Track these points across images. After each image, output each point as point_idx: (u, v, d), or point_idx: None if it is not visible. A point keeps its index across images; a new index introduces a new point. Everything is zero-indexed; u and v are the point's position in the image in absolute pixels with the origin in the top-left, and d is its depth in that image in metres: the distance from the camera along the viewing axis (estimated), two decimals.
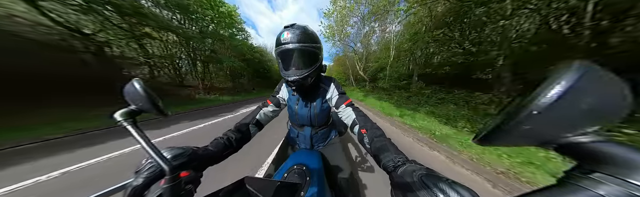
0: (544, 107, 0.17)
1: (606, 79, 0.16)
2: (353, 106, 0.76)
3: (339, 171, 0.87)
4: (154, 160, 0.31)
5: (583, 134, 0.18)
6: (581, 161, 0.18)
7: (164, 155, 0.32)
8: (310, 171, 0.69)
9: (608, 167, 0.16)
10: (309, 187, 0.59)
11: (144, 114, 0.35)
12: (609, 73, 0.17)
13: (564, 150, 0.19)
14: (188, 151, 0.40)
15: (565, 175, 0.19)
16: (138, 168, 0.35)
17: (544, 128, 0.18)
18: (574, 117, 0.17)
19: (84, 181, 1.91)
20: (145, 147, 0.30)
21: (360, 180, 1.68)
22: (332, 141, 1.05)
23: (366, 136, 0.58)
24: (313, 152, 0.91)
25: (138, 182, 0.32)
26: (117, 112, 0.32)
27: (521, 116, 0.18)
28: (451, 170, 2.16)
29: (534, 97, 0.17)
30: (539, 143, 0.19)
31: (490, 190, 1.79)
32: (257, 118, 0.79)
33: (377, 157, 0.48)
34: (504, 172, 2.03)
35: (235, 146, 0.60)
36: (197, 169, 0.43)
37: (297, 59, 0.67)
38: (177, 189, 0.32)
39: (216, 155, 0.52)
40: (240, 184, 0.51)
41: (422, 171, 0.32)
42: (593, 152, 0.17)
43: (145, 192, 0.32)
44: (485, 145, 0.22)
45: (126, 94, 0.34)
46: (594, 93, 0.16)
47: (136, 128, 0.31)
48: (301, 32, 0.65)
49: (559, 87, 0.16)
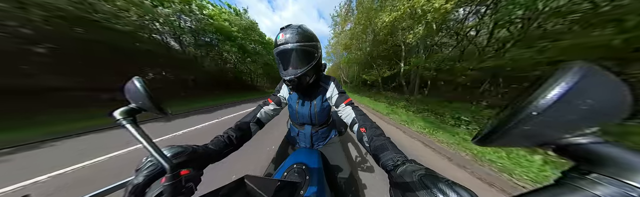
0: (543, 108, 0.17)
1: (606, 79, 0.16)
2: (353, 104, 0.77)
3: (339, 171, 0.88)
4: (154, 158, 0.32)
5: (581, 135, 0.18)
6: (579, 162, 0.19)
7: (165, 153, 0.32)
8: (310, 170, 0.69)
9: (605, 168, 0.16)
10: (308, 186, 0.59)
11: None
12: (610, 74, 0.16)
13: (563, 151, 0.19)
14: (188, 149, 0.40)
15: (563, 175, 0.19)
16: (139, 166, 0.35)
17: (542, 129, 0.18)
18: (573, 119, 0.17)
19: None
20: (146, 146, 0.30)
21: (359, 179, 1.68)
22: (332, 140, 1.05)
23: (365, 134, 0.59)
24: (313, 151, 0.91)
25: (139, 180, 0.32)
26: (117, 111, 0.31)
27: (520, 117, 0.18)
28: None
29: (533, 98, 0.17)
30: (538, 144, 0.19)
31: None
32: (258, 117, 0.80)
33: (376, 156, 0.48)
34: (406, 121, 4.32)
35: (235, 144, 0.60)
36: (197, 167, 0.43)
37: (293, 58, 0.68)
38: (177, 187, 0.32)
39: (216, 153, 0.52)
40: (240, 182, 0.51)
41: (421, 171, 0.32)
42: (591, 153, 0.17)
43: (146, 189, 0.32)
44: (484, 145, 0.22)
45: (126, 92, 0.34)
46: (594, 94, 0.16)
47: (136, 127, 0.30)
48: (296, 32, 0.66)
49: (558, 89, 0.16)
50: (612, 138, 0.66)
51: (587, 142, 0.18)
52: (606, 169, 0.16)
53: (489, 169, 2.03)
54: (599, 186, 0.16)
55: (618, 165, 0.16)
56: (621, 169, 0.15)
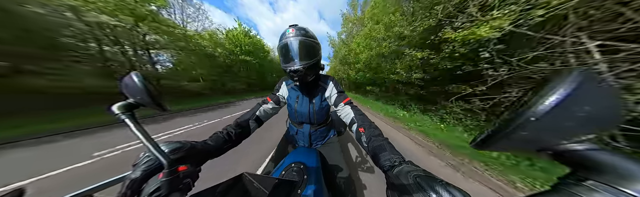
0: (542, 114, 0.17)
1: (603, 87, 0.17)
2: (352, 104, 0.77)
3: (337, 170, 0.88)
4: (152, 154, 0.32)
5: (578, 141, 0.18)
6: (576, 169, 0.19)
7: (162, 149, 0.32)
8: (308, 169, 0.69)
9: (601, 175, 0.16)
10: (306, 185, 0.59)
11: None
12: (607, 82, 0.17)
13: (560, 157, 0.19)
14: (186, 145, 0.40)
15: (559, 181, 0.19)
16: (136, 161, 0.35)
17: (540, 135, 0.18)
18: (570, 125, 0.17)
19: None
20: (144, 141, 0.30)
21: (358, 179, 1.68)
22: (331, 140, 1.06)
23: (364, 134, 0.59)
24: (311, 151, 0.92)
25: (136, 175, 0.32)
26: (115, 105, 0.31)
27: (519, 122, 0.18)
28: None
29: (532, 104, 0.17)
30: (536, 149, 0.19)
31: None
32: (257, 114, 0.80)
33: (374, 156, 0.48)
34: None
35: (234, 140, 0.61)
36: (195, 163, 0.43)
37: (301, 50, 0.71)
38: (175, 183, 0.32)
39: (215, 149, 0.52)
40: (238, 179, 0.51)
41: (417, 172, 0.33)
42: (587, 160, 0.17)
43: (143, 185, 0.32)
44: (482, 149, 0.22)
45: (124, 87, 0.33)
46: (591, 101, 0.16)
47: (134, 122, 0.30)
48: (305, 30, 0.72)
49: (556, 95, 0.16)
50: (608, 145, 0.65)
51: (584, 149, 0.18)
52: (602, 177, 0.16)
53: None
54: (595, 193, 0.16)
55: (614, 172, 0.16)
56: (617, 177, 0.15)
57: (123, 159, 2.38)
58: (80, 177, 1.98)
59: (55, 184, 1.88)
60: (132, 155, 2.50)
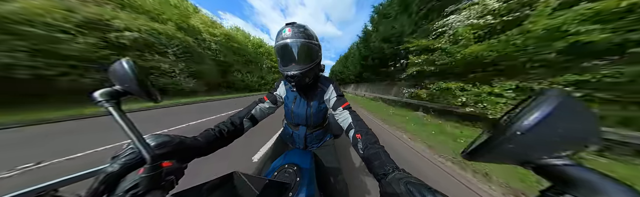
0: (526, 128, 0.18)
1: (579, 108, 0.18)
2: (350, 109, 0.74)
3: (331, 173, 0.85)
4: (135, 146, 0.29)
5: (557, 157, 0.19)
6: (555, 183, 0.20)
7: (148, 142, 0.30)
8: (302, 171, 0.67)
9: (577, 189, 0.17)
10: (298, 188, 0.57)
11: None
12: (582, 103, 0.19)
13: (541, 171, 0.20)
14: (175, 139, 0.38)
15: (540, 194, 0.20)
16: (117, 153, 0.31)
17: (524, 148, 0.20)
18: (551, 141, 0.19)
19: None
20: (127, 132, 0.28)
21: (352, 184, 1.64)
22: (326, 143, 1.03)
23: (360, 141, 0.57)
24: (306, 153, 0.89)
25: (113, 168, 0.28)
26: (98, 91, 0.28)
27: (506, 135, 0.20)
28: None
29: (517, 119, 0.19)
30: (520, 162, 0.21)
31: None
32: (252, 113, 0.77)
33: (368, 164, 0.49)
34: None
35: (226, 138, 0.59)
36: (181, 159, 0.41)
37: (298, 54, 0.67)
38: (155, 180, 0.30)
39: (204, 147, 0.50)
40: (228, 178, 0.49)
41: (408, 179, 0.35)
42: (564, 175, 0.19)
43: (120, 180, 0.29)
44: (472, 160, 0.24)
45: (111, 73, 0.31)
46: (569, 120, 0.18)
47: (119, 110, 0.28)
48: (304, 30, 0.66)
49: (539, 112, 0.18)
50: (583, 162, 0.66)
51: (562, 164, 0.19)
52: (578, 191, 0.17)
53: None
54: None
55: (588, 188, 0.17)
56: (591, 192, 0.16)
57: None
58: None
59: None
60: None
